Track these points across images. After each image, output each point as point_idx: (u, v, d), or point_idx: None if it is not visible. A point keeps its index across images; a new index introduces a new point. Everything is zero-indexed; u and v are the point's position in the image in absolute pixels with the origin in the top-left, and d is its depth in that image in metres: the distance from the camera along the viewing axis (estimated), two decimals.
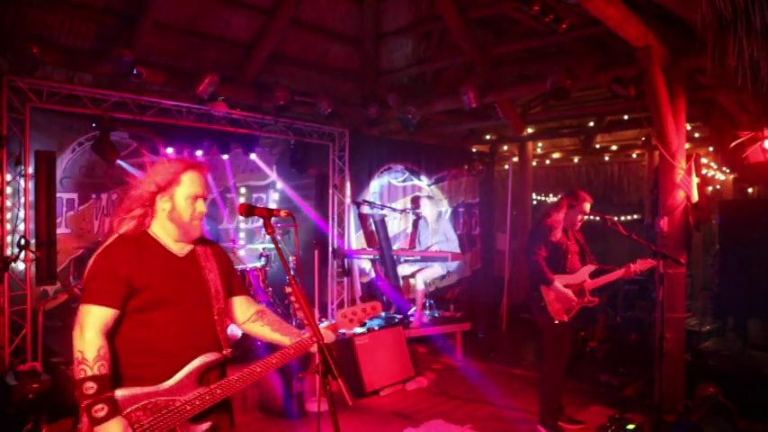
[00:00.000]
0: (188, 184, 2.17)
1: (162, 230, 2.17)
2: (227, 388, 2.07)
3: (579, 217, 4.71)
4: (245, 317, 2.39)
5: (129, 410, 1.93)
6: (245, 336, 5.02)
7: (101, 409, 1.85)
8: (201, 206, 2.20)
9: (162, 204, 2.15)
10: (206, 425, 2.06)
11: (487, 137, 10.57)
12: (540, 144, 11.49)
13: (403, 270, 7.49)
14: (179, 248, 2.20)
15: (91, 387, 1.87)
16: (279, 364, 2.17)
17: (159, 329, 2.05)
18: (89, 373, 1.88)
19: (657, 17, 5.11)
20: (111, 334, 2.01)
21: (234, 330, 4.19)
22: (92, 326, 1.95)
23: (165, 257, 2.14)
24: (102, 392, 1.88)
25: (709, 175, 9.18)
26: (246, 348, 5.28)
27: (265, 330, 2.36)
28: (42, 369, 5.01)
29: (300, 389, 5.08)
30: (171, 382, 2.01)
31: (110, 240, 2.12)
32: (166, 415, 1.96)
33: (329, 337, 2.23)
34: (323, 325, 2.27)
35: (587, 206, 4.69)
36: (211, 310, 2.18)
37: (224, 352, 2.17)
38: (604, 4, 4.46)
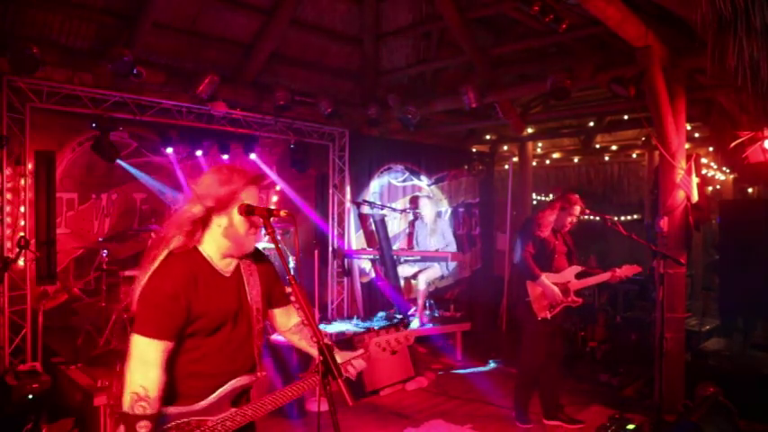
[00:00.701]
0: (246, 199, 2.07)
1: (213, 246, 2.09)
2: (259, 409, 2.07)
3: (569, 219, 4.80)
4: (286, 327, 2.38)
5: (163, 429, 1.94)
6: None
7: None
8: (258, 220, 2.10)
9: (218, 221, 2.06)
10: None
11: (487, 137, 10.56)
12: (540, 144, 11.49)
13: (403, 270, 7.49)
14: (225, 265, 2.12)
15: (145, 426, 1.85)
16: (307, 388, 2.17)
17: (205, 352, 2.03)
18: (148, 412, 1.86)
19: (657, 17, 5.11)
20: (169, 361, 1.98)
21: None
22: (155, 362, 1.90)
23: (216, 280, 2.08)
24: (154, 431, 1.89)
25: (710, 175, 9.17)
26: None
27: (302, 344, 2.34)
28: (42, 369, 5.01)
29: None
30: (206, 402, 2.00)
31: (161, 258, 2.02)
32: None
33: (360, 365, 2.23)
34: (357, 353, 2.27)
35: (578, 210, 4.78)
36: (252, 331, 2.14)
37: (258, 374, 2.15)
38: (604, 4, 4.46)
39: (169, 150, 6.53)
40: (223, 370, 2.05)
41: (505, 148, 11.16)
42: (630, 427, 4.15)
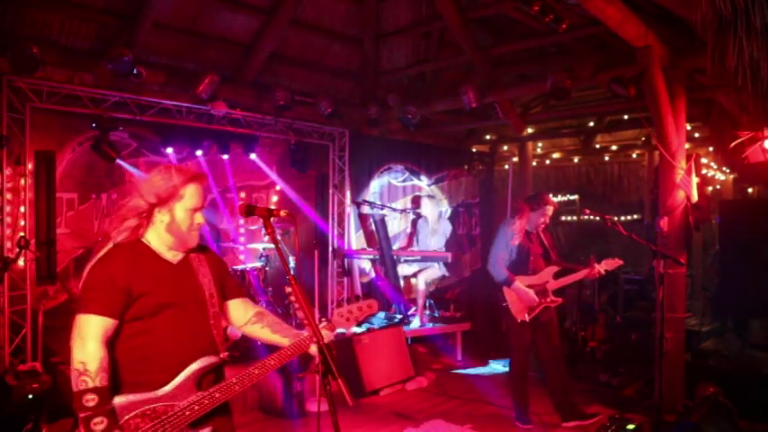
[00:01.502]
0: (188, 197, 2.14)
1: (157, 239, 2.16)
2: (226, 391, 2.06)
3: (542, 219, 4.86)
4: (244, 320, 2.38)
5: (127, 418, 1.92)
6: (245, 335, 5.02)
7: (100, 422, 1.85)
8: (200, 218, 2.18)
9: (160, 217, 2.14)
10: (206, 430, 2.05)
11: (487, 137, 10.57)
12: (540, 144, 11.49)
13: (403, 270, 7.49)
14: (172, 255, 2.19)
15: (92, 399, 1.86)
16: (277, 365, 2.17)
17: (157, 336, 2.04)
18: (90, 384, 1.87)
19: (657, 17, 5.11)
20: (110, 343, 1.99)
21: (233, 330, 4.20)
22: (93, 336, 1.92)
23: (159, 264, 2.13)
24: (102, 405, 1.87)
25: (710, 175, 9.17)
26: (246, 348, 5.27)
27: (265, 332, 2.35)
28: (42, 369, 5.01)
29: (300, 389, 5.08)
30: (169, 387, 2.00)
31: (105, 250, 2.10)
32: (165, 421, 1.95)
33: (327, 336, 2.24)
34: (320, 326, 2.26)
35: (550, 209, 4.84)
36: (207, 314, 2.17)
37: (221, 355, 2.16)
38: (604, 4, 4.46)
39: (169, 150, 6.53)
40: (179, 353, 2.05)
41: (505, 148, 11.16)
42: (630, 427, 4.14)
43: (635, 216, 11.01)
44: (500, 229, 4.98)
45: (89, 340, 1.92)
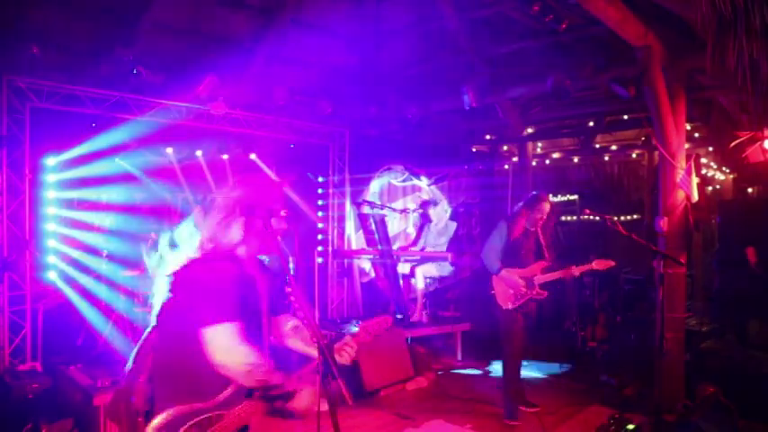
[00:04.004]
0: (278, 203, 2.18)
1: (246, 247, 2.17)
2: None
3: (539, 216, 4.96)
4: (285, 331, 2.43)
5: (184, 428, 1.96)
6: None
7: None
8: (283, 222, 2.21)
9: (251, 224, 2.15)
10: None
11: (487, 137, 10.55)
12: (540, 144, 11.47)
13: (403, 268, 7.49)
14: (250, 265, 2.20)
15: None
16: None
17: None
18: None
19: (657, 17, 5.11)
20: (174, 347, 2.01)
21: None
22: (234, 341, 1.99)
23: (244, 282, 2.14)
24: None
25: (709, 175, 9.17)
26: None
27: (299, 345, 2.40)
28: (42, 369, 5.01)
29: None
30: (222, 395, 2.05)
31: (201, 253, 2.11)
32: (218, 428, 2.01)
33: (352, 348, 2.28)
34: (346, 340, 2.30)
35: (546, 206, 4.95)
36: (262, 331, 2.21)
37: None
38: (604, 4, 4.46)
39: (169, 150, 6.54)
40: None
41: (505, 148, 11.15)
42: (630, 427, 4.14)
43: (635, 216, 11.00)
44: (498, 226, 5.12)
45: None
